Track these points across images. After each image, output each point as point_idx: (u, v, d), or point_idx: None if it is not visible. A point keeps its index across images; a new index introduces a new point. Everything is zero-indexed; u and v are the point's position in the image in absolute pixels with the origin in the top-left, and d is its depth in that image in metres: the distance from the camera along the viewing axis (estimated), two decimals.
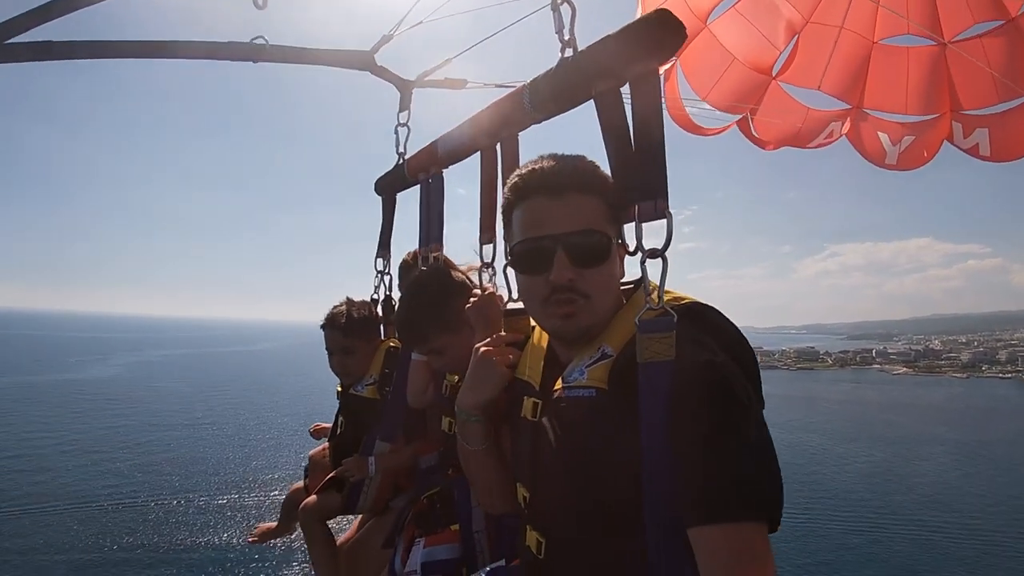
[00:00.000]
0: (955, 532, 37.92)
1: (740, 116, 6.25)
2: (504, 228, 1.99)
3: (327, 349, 4.12)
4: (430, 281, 2.89)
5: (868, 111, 6.12)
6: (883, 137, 6.12)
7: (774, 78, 6.08)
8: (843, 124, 6.18)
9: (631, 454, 1.51)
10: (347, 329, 4.03)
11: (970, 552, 35.21)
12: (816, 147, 6.29)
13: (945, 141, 6.01)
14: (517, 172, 1.89)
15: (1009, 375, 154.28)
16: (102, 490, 35.43)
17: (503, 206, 1.94)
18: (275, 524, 5.20)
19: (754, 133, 6.27)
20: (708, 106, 6.16)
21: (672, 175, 1.61)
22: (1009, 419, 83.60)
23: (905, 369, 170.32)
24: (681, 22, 1.57)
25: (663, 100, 1.68)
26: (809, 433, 67.55)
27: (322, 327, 4.11)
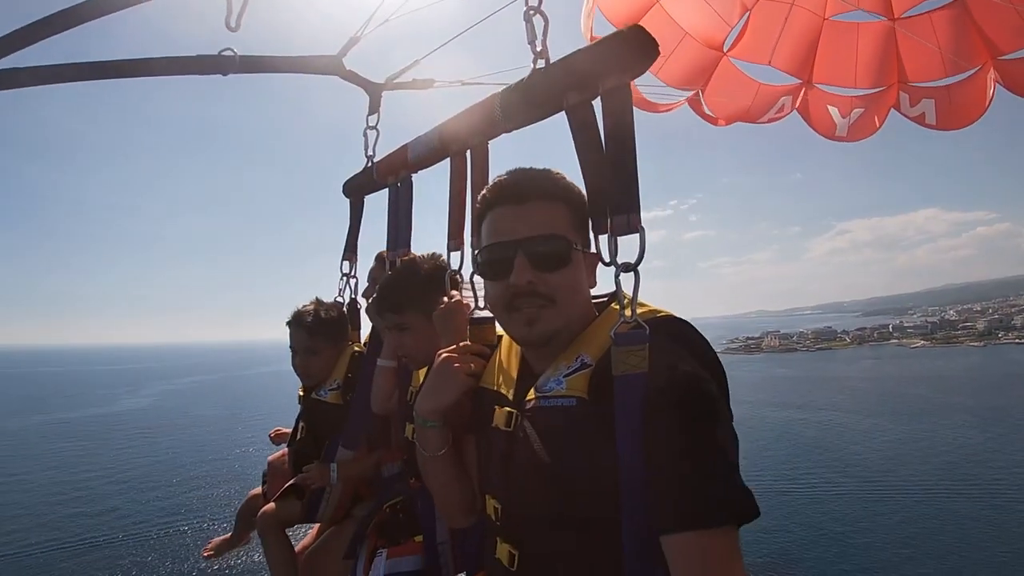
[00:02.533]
0: (978, 494, 38.92)
1: (692, 92, 6.37)
2: (474, 239, 2.03)
3: (291, 348, 4.03)
4: (425, 264, 2.87)
5: (818, 85, 6.27)
6: (833, 111, 6.28)
7: (725, 54, 6.20)
8: (794, 99, 6.32)
9: (610, 463, 1.53)
10: (313, 329, 3.95)
11: (990, 512, 36.22)
12: (767, 122, 6.42)
13: (892, 109, 6.19)
14: (487, 185, 1.93)
15: None
16: (167, 520, 35.71)
17: (474, 219, 2.00)
18: (229, 535, 5.02)
19: (705, 110, 6.40)
20: (660, 82, 6.23)
21: (674, 163, 1.68)
22: None
23: (923, 342, 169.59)
24: (654, 39, 1.63)
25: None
26: (834, 412, 68.51)
27: (287, 324, 4.03)
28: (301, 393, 4.26)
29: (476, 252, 1.94)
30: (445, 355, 2.08)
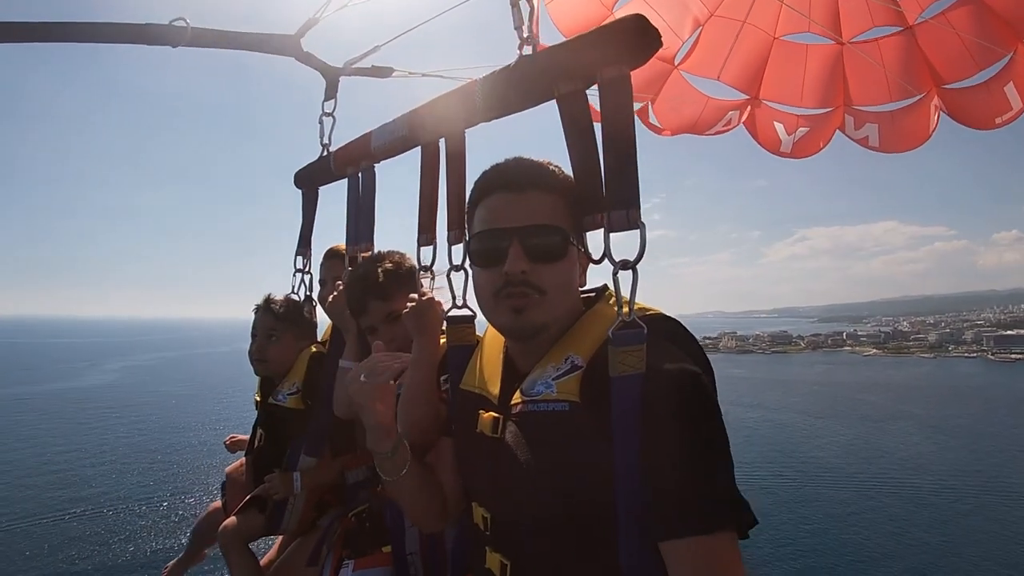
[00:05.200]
0: (924, 491, 42.88)
1: (641, 104, 6.31)
2: (468, 228, 1.93)
3: (252, 334, 3.88)
4: (405, 257, 2.79)
5: (765, 102, 6.32)
6: (779, 127, 6.34)
7: (676, 67, 6.21)
8: (741, 113, 6.37)
9: (606, 468, 1.48)
10: (279, 314, 3.82)
11: (938, 503, 40.43)
12: (714, 134, 6.48)
13: (837, 130, 6.29)
14: (483, 172, 1.85)
15: (974, 354, 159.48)
16: (149, 496, 35.71)
17: (468, 205, 1.91)
18: (182, 555, 4.73)
19: (652, 120, 6.40)
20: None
21: (641, 162, 1.57)
22: (973, 395, 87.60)
23: (875, 350, 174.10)
24: (657, 29, 1.59)
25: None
26: (790, 413, 71.94)
27: (255, 309, 3.90)
28: (258, 399, 4.08)
29: (468, 238, 1.88)
30: (349, 382, 1.91)
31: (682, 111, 6.38)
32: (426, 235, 2.40)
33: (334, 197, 3.39)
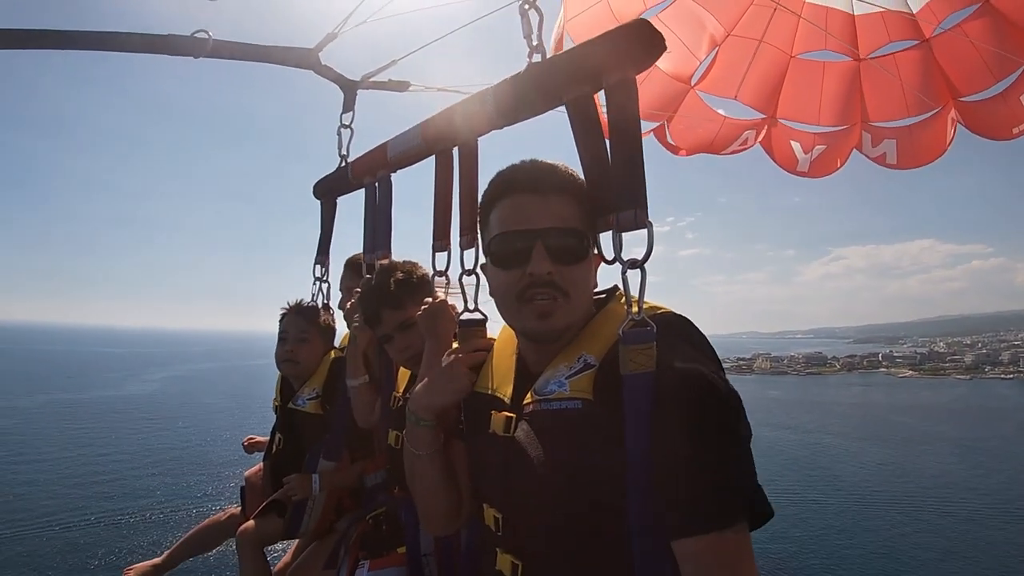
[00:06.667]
0: (958, 516, 41.55)
1: (657, 124, 6.39)
2: (480, 227, 1.94)
3: (282, 337, 3.92)
4: (416, 266, 2.85)
5: (782, 121, 6.34)
6: (795, 146, 6.35)
7: (692, 87, 6.25)
8: (757, 132, 6.39)
9: (618, 466, 1.48)
10: (310, 318, 3.90)
11: (964, 530, 39.03)
12: (730, 154, 6.50)
13: (855, 149, 6.31)
14: (499, 172, 1.85)
15: (1011, 376, 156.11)
16: (201, 505, 36.01)
17: (481, 204, 1.90)
18: (157, 560, 4.31)
19: (669, 140, 6.44)
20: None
21: (675, 181, 1.69)
22: (1009, 418, 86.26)
23: (911, 372, 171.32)
24: (660, 34, 1.60)
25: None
26: (824, 434, 71.27)
27: (285, 313, 3.95)
28: (277, 403, 4.14)
29: (488, 240, 1.85)
30: (455, 355, 2.01)
31: (698, 130, 6.42)
32: (441, 241, 2.43)
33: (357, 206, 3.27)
